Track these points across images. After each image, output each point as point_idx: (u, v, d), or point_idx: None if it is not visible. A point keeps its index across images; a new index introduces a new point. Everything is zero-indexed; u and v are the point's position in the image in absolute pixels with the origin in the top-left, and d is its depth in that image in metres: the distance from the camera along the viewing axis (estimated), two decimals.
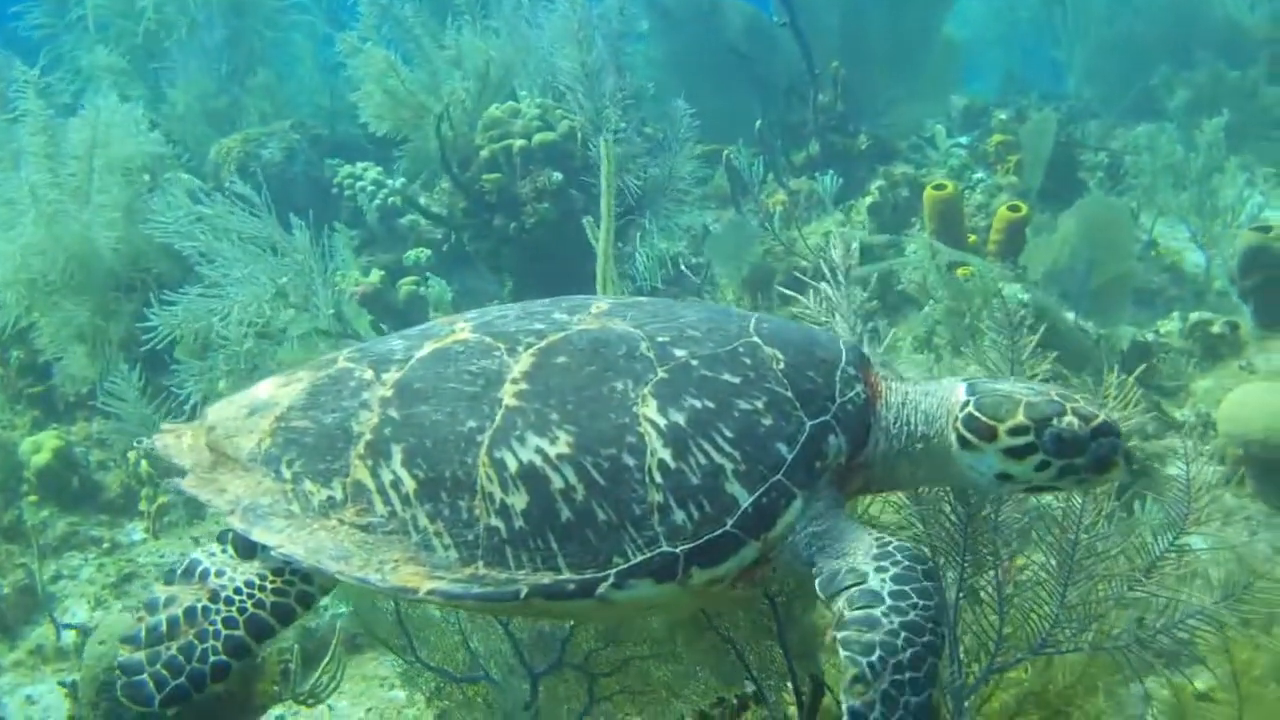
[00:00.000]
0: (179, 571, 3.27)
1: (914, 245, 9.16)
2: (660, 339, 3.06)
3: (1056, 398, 3.11)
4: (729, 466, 2.87)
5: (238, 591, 3.16)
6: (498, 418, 2.95)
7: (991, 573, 3.86)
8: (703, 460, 2.87)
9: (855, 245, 4.17)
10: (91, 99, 10.30)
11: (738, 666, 4.26)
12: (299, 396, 3.25)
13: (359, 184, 12.59)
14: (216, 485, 3.21)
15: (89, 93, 12.62)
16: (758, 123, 13.08)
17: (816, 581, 2.94)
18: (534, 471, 2.88)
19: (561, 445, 2.88)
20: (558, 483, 2.87)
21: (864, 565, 2.86)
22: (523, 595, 2.85)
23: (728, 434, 2.89)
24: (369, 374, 3.19)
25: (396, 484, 2.98)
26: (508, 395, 2.98)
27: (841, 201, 12.38)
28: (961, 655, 3.94)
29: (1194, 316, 9.17)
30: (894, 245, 10.49)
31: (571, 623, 4.13)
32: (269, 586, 3.16)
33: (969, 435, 3.09)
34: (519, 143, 9.85)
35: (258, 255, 7.13)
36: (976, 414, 3.08)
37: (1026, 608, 3.99)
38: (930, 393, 3.21)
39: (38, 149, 9.48)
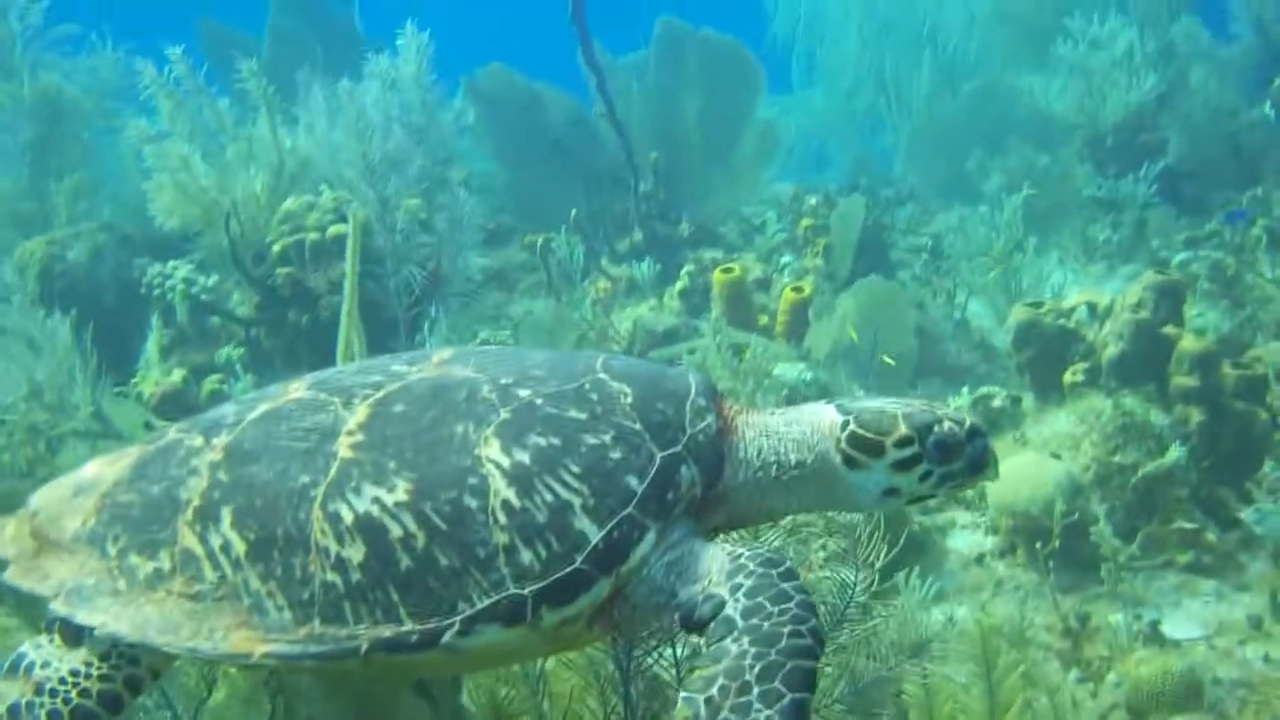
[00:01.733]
0: (4, 668, 3.08)
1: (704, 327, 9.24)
2: (503, 381, 2.96)
3: (926, 407, 3.06)
4: (577, 502, 2.77)
5: (62, 682, 2.98)
6: (332, 471, 2.84)
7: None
8: (549, 497, 2.76)
9: None
10: None
11: None
12: (125, 471, 3.11)
13: (168, 283, 12.37)
14: (40, 572, 3.04)
15: None
16: (573, 212, 13.18)
17: (678, 616, 2.82)
18: (371, 522, 2.76)
19: (400, 493, 2.77)
20: (396, 531, 2.75)
21: (719, 589, 2.75)
22: (363, 651, 2.72)
23: (575, 469, 2.79)
24: (198, 441, 3.07)
25: (226, 548, 2.85)
26: (343, 448, 2.87)
27: (662, 286, 12.51)
28: None
29: (979, 391, 9.36)
30: (694, 329, 10.60)
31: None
32: (94, 674, 2.98)
33: (855, 453, 2.99)
34: (312, 235, 9.79)
35: (12, 353, 6.93)
36: (860, 431, 2.99)
37: None
38: (795, 420, 3.10)
39: None
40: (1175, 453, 7.70)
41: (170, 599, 2.87)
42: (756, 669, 2.56)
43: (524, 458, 2.79)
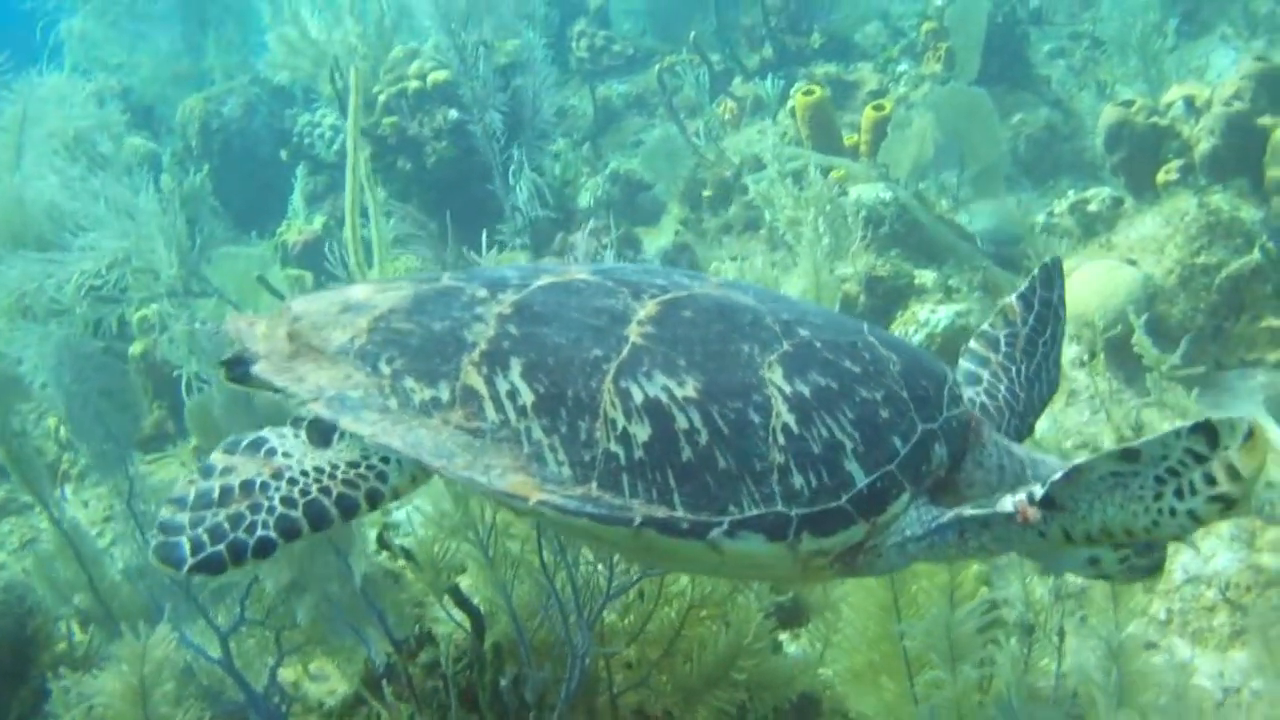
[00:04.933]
0: (243, 444, 3.11)
1: (768, 156, 9.15)
2: (784, 316, 3.09)
3: None
4: (849, 445, 2.89)
5: (304, 474, 3.00)
6: (624, 352, 2.95)
7: None
8: (824, 433, 2.88)
9: None
10: (27, 75, 10.82)
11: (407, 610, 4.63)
12: (402, 301, 3.21)
13: (316, 131, 12.90)
14: (294, 374, 3.12)
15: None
16: (691, 34, 13.07)
17: (968, 516, 2.93)
18: (659, 407, 2.88)
19: (689, 389, 2.88)
20: (682, 423, 2.87)
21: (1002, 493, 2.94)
22: (636, 523, 2.84)
23: (849, 415, 2.91)
24: (482, 292, 3.17)
25: (513, 394, 2.95)
26: (634, 334, 2.98)
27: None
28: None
29: (1078, 195, 9.10)
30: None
31: (653, 568, 4.22)
32: (339, 476, 3.01)
33: None
34: (414, 84, 10.11)
35: (101, 220, 7.49)
36: None
37: None
38: (1038, 461, 3.26)
39: None
40: (1257, 254, 7.42)
41: (446, 429, 2.97)
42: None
43: (805, 390, 2.93)
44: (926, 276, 8.30)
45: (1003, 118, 10.60)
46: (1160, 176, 8.43)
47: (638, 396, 2.89)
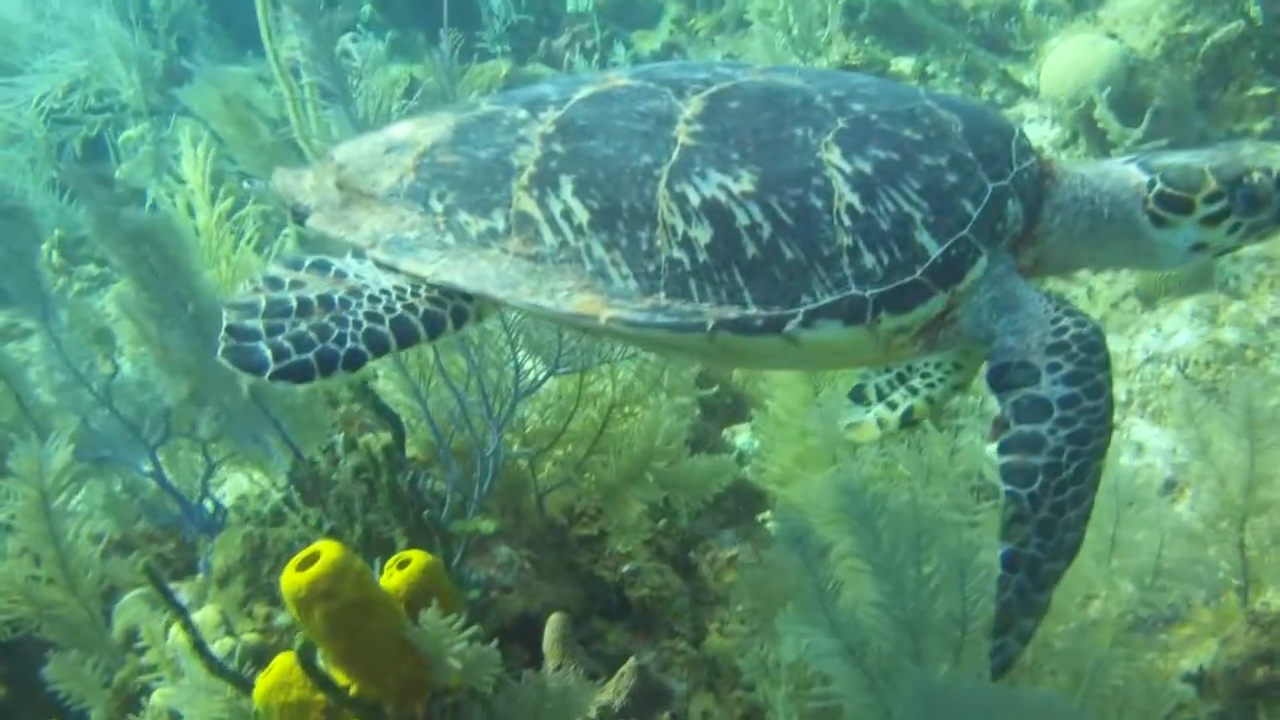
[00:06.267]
0: (306, 263, 3.04)
1: None
2: (835, 94, 3.00)
3: (1230, 157, 3.05)
4: (918, 216, 2.84)
5: (384, 292, 2.94)
6: (674, 154, 2.91)
7: None
8: (891, 208, 2.83)
9: None
10: None
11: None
12: (444, 134, 3.16)
13: None
14: (348, 222, 3.10)
15: None
16: None
17: (988, 365, 2.94)
18: (718, 206, 2.84)
19: (745, 183, 2.85)
20: (743, 219, 2.84)
21: (1036, 359, 2.86)
22: (710, 327, 2.84)
23: (915, 185, 2.86)
24: (523, 114, 3.11)
25: (568, 214, 2.93)
26: (682, 134, 2.93)
27: None
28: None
29: None
30: None
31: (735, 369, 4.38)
32: (423, 294, 2.96)
33: (1164, 213, 3.00)
34: None
35: (58, 43, 7.41)
36: (1168, 190, 2.99)
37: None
38: (1104, 174, 3.08)
39: None
40: (1240, 20, 7.12)
41: (506, 257, 2.96)
42: (1073, 468, 2.75)
43: (865, 167, 2.87)
44: (904, 63, 8.07)
45: None
46: None
47: (694, 199, 2.85)
